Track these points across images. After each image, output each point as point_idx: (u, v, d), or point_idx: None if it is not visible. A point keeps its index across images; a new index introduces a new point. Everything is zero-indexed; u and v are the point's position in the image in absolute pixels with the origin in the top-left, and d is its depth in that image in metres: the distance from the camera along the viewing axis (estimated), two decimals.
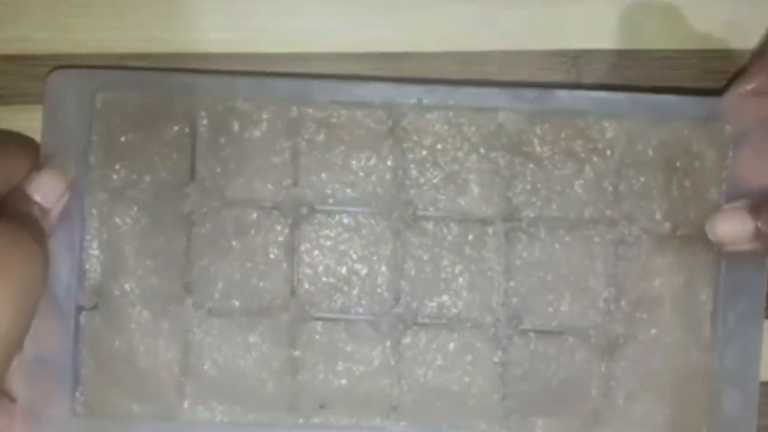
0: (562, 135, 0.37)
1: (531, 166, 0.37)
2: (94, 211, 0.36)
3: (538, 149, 0.37)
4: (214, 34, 0.39)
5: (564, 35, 0.39)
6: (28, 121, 0.38)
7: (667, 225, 0.37)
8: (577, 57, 0.39)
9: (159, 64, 0.38)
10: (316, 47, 0.39)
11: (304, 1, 0.39)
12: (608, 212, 0.37)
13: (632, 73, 0.39)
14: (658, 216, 0.37)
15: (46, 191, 0.35)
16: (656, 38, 0.39)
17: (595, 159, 0.37)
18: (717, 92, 0.37)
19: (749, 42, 0.39)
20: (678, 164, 0.37)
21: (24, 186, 0.35)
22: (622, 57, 0.39)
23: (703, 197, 0.37)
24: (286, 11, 0.39)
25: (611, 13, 0.39)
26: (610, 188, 0.37)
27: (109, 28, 0.38)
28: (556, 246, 0.37)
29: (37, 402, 0.35)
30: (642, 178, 0.37)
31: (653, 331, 0.37)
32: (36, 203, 0.34)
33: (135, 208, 0.36)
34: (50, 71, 0.37)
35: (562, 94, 0.37)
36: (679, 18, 0.39)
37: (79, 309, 0.36)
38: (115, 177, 0.37)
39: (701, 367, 0.37)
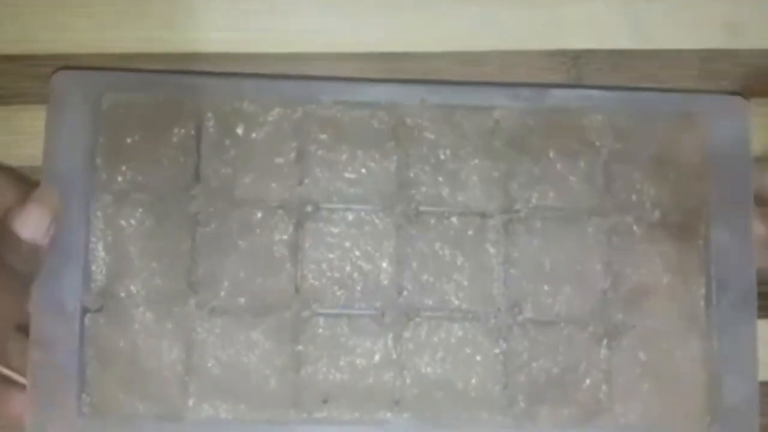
0: (556, 131, 0.38)
1: (527, 160, 0.38)
2: (99, 214, 0.37)
3: (533, 144, 0.38)
4: (214, 34, 0.39)
5: (564, 35, 0.39)
6: (29, 121, 0.38)
7: (657, 214, 0.38)
8: (577, 57, 0.39)
9: (159, 64, 0.39)
10: (316, 47, 0.39)
11: (304, 1, 0.39)
12: (601, 203, 0.38)
13: (632, 73, 0.39)
14: (647, 205, 0.38)
15: (33, 228, 0.34)
16: (656, 38, 0.39)
17: (587, 153, 0.38)
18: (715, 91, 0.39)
19: (749, 42, 0.39)
20: (664, 156, 0.38)
21: (10, 224, 0.34)
22: (622, 57, 0.39)
23: (689, 187, 0.38)
24: (286, 11, 0.39)
25: (611, 13, 0.39)
26: (602, 180, 0.38)
27: (109, 28, 0.39)
28: (553, 237, 0.38)
29: (43, 402, 0.36)
30: (631, 170, 0.38)
31: (650, 319, 0.38)
32: (24, 241, 0.34)
33: (140, 210, 0.37)
34: (54, 72, 0.37)
35: (555, 92, 0.38)
36: (679, 18, 0.39)
37: (85, 311, 0.37)
38: (120, 179, 0.37)
39: (699, 354, 0.37)
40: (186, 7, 0.39)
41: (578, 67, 0.39)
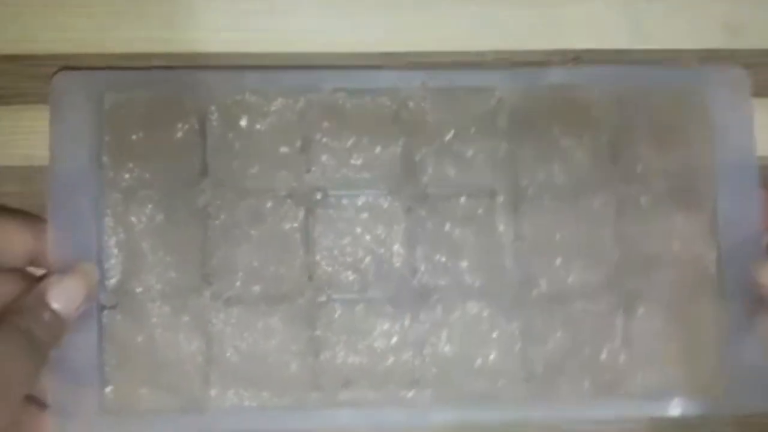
0: (559, 107, 0.39)
1: (531, 138, 0.39)
2: (110, 212, 0.37)
3: (537, 122, 0.39)
4: (214, 34, 0.39)
5: (564, 35, 0.40)
6: (29, 121, 0.39)
7: (663, 183, 0.39)
8: (577, 57, 0.39)
9: (160, 64, 0.39)
10: (316, 47, 0.39)
11: (304, 1, 0.39)
12: (608, 176, 0.39)
13: None
14: (655, 176, 0.39)
15: (66, 300, 0.35)
16: (656, 38, 0.39)
17: (590, 127, 0.39)
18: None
19: (749, 42, 0.40)
20: (667, 127, 0.39)
21: (44, 290, 0.35)
22: (622, 57, 0.39)
23: (694, 155, 0.39)
24: (286, 11, 0.39)
25: (611, 13, 0.40)
26: (607, 153, 0.39)
27: (109, 28, 0.39)
28: (562, 212, 0.38)
29: (65, 401, 0.36)
30: (636, 142, 0.39)
31: (664, 286, 0.38)
32: (53, 310, 0.34)
33: (150, 206, 0.38)
34: (55, 73, 0.38)
35: (556, 70, 0.39)
36: (679, 18, 0.40)
37: (101, 308, 0.37)
38: (127, 176, 0.38)
39: (714, 318, 0.38)
40: (186, 7, 0.39)
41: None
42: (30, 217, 0.37)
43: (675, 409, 0.38)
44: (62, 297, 0.35)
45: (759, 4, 0.40)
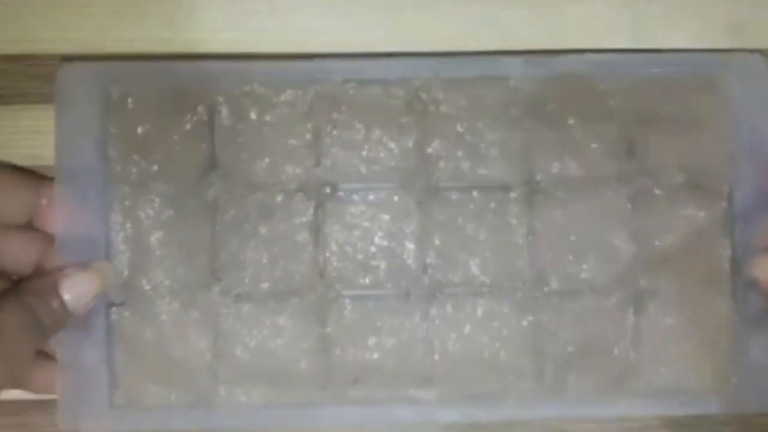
0: (574, 97, 0.39)
1: (546, 129, 0.39)
2: (117, 206, 0.38)
3: (552, 112, 0.39)
4: (214, 34, 0.40)
5: (564, 35, 0.40)
6: (30, 121, 0.39)
7: (681, 176, 0.38)
8: None
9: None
10: (316, 47, 0.40)
11: (304, 1, 0.39)
12: (623, 168, 0.38)
13: None
14: (671, 169, 0.38)
15: (77, 293, 0.36)
16: (656, 38, 0.39)
17: (606, 118, 0.39)
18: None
19: (751, 42, 0.40)
20: (684, 118, 0.39)
21: (57, 280, 0.35)
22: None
23: (711, 148, 0.39)
24: (286, 11, 0.40)
25: (611, 13, 0.40)
26: (623, 145, 0.39)
27: (109, 28, 0.39)
28: (576, 205, 0.38)
29: (75, 398, 0.37)
30: (651, 134, 0.39)
31: (676, 283, 0.38)
32: (62, 300, 0.35)
33: (158, 200, 0.38)
34: (59, 65, 0.38)
35: (571, 58, 0.39)
36: (679, 18, 0.40)
37: (110, 305, 0.37)
38: (135, 170, 0.38)
39: (726, 315, 0.38)
40: (186, 7, 0.39)
41: None
42: (30, 174, 0.37)
43: (685, 407, 0.38)
44: (74, 289, 0.35)
45: (760, 4, 0.40)
